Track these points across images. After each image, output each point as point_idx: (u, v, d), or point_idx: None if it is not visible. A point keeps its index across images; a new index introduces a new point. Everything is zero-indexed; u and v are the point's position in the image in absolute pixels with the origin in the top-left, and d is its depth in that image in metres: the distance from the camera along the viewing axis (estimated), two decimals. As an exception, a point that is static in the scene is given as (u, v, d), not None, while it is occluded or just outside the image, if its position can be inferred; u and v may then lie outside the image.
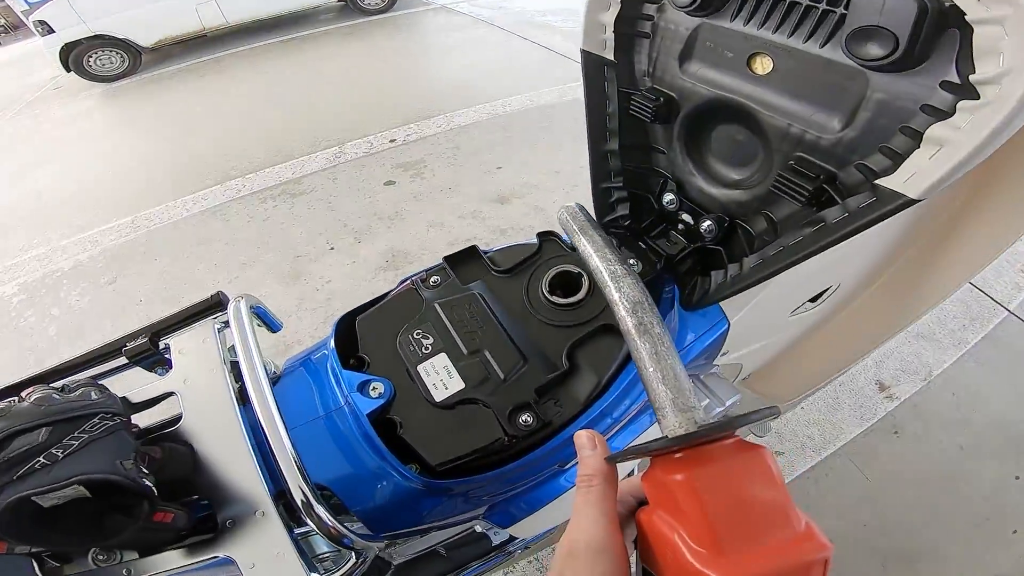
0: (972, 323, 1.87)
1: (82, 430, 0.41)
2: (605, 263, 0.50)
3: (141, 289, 2.20)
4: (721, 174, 0.63)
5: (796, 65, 0.50)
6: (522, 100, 3.37)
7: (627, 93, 0.67)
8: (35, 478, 0.37)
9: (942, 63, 0.41)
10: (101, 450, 0.41)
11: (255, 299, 0.59)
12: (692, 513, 0.28)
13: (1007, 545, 1.29)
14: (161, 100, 4.14)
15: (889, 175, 0.45)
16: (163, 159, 3.24)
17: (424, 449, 0.51)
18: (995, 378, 1.70)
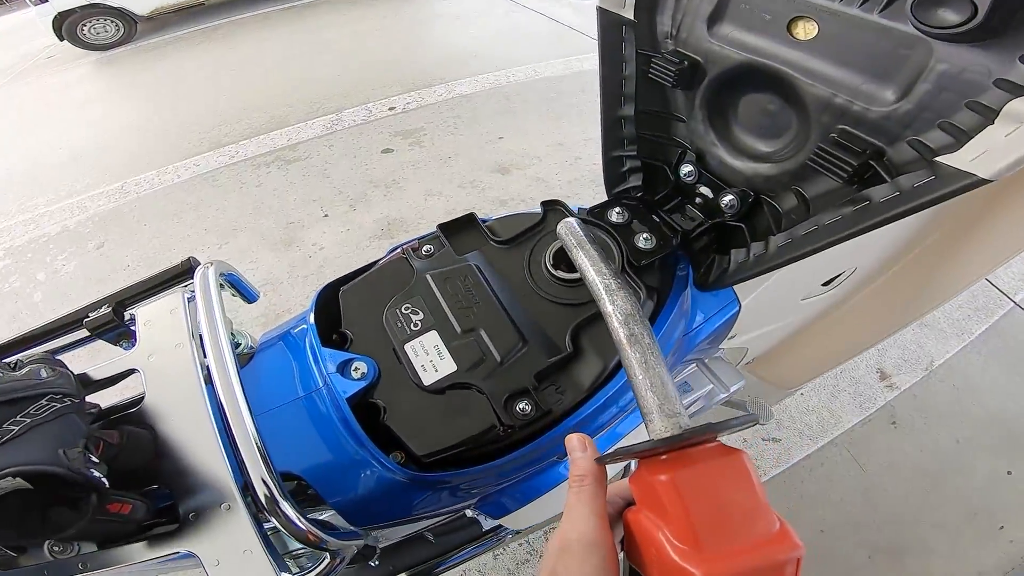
0: (977, 313, 1.83)
1: (25, 413, 0.36)
2: (600, 276, 0.47)
3: (129, 254, 2.15)
4: (747, 146, 0.59)
5: (846, 30, 0.46)
6: (526, 71, 3.27)
7: (647, 55, 0.62)
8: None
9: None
10: (44, 437, 0.36)
11: (227, 265, 0.53)
12: (675, 512, 0.30)
13: (993, 541, 1.29)
14: (156, 68, 4.02)
15: (950, 152, 0.41)
16: (155, 126, 3.14)
17: (411, 438, 0.47)
18: (997, 371, 1.67)
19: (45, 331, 0.53)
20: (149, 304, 0.54)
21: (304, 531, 0.38)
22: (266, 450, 0.39)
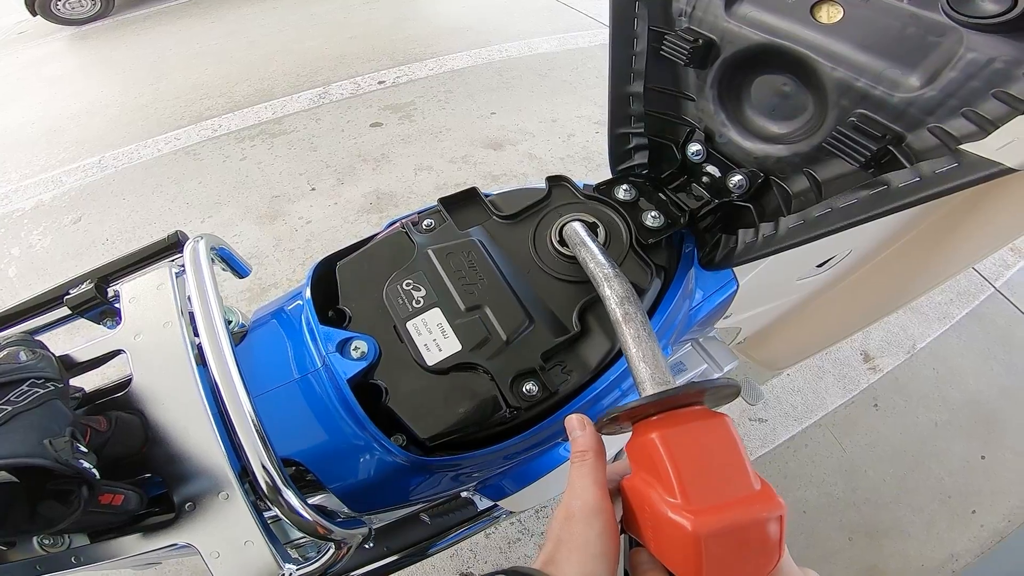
0: (959, 298, 1.88)
1: (6, 400, 0.34)
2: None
3: (107, 229, 2.07)
4: (759, 127, 0.58)
5: (873, 15, 0.46)
6: (520, 47, 3.21)
7: (659, 32, 0.60)
8: None
9: None
10: (27, 426, 0.33)
11: (218, 239, 0.50)
12: (664, 468, 0.32)
13: (966, 524, 1.34)
14: (134, 43, 3.84)
15: (975, 140, 0.41)
16: (134, 100, 3.01)
17: (414, 421, 0.45)
18: (975, 355, 1.72)
19: (22, 310, 0.50)
20: (134, 280, 0.51)
21: (311, 522, 0.36)
22: (266, 435, 0.37)
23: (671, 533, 0.31)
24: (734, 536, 0.30)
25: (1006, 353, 1.73)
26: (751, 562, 0.30)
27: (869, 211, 0.44)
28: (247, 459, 0.37)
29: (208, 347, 0.40)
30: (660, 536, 0.32)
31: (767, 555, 0.30)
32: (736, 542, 0.30)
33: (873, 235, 0.73)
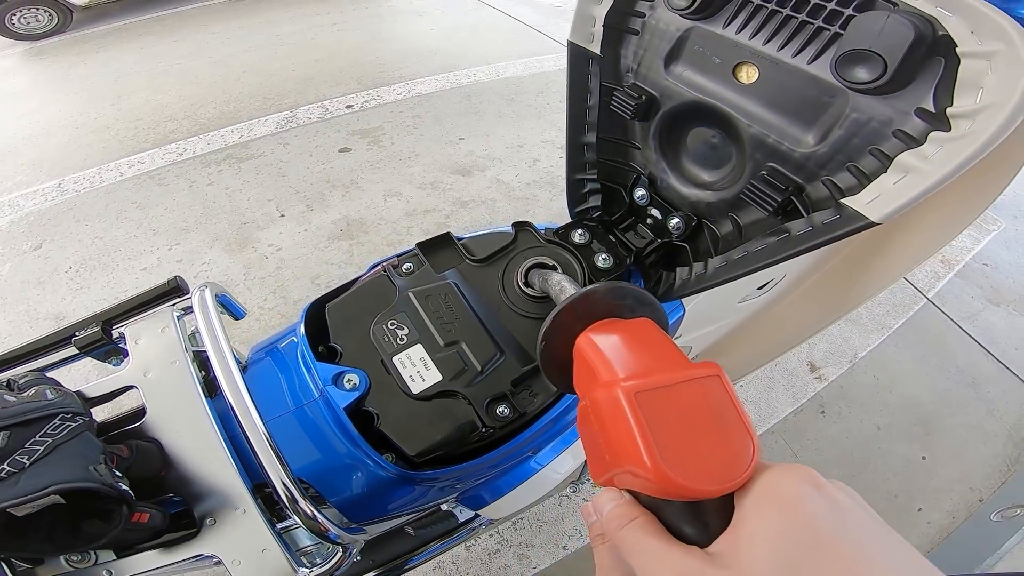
0: (895, 309, 2.02)
1: (44, 433, 0.38)
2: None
3: (70, 256, 2.03)
4: (693, 174, 0.65)
5: (781, 78, 0.52)
6: (487, 71, 3.28)
7: (609, 88, 0.67)
8: (6, 487, 0.34)
9: (921, 90, 0.43)
10: (70, 455, 0.38)
11: (219, 287, 0.56)
12: (594, 363, 0.33)
13: (914, 522, 1.42)
14: (93, 60, 3.72)
15: (854, 195, 0.46)
16: (94, 121, 2.93)
17: (403, 441, 0.52)
18: (912, 362, 1.85)
19: (32, 350, 0.55)
20: (138, 322, 0.56)
21: (324, 527, 0.42)
22: (281, 454, 0.43)
23: (608, 412, 0.29)
24: (669, 398, 0.28)
25: (939, 359, 1.86)
26: (712, 440, 0.27)
27: (775, 255, 0.52)
28: (267, 476, 0.42)
29: (223, 382, 0.45)
30: (607, 431, 0.29)
31: (730, 432, 0.28)
32: (676, 407, 0.28)
33: (803, 260, 0.83)
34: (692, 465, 0.26)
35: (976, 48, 0.39)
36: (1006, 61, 0.38)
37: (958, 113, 0.40)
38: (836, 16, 0.47)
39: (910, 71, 0.43)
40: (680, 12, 0.58)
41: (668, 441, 0.26)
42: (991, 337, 1.96)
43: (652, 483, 0.26)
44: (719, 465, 0.26)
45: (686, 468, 0.26)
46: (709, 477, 0.26)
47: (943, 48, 0.42)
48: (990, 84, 0.39)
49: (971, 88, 0.40)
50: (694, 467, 0.26)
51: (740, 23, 0.54)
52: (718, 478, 0.26)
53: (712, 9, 0.56)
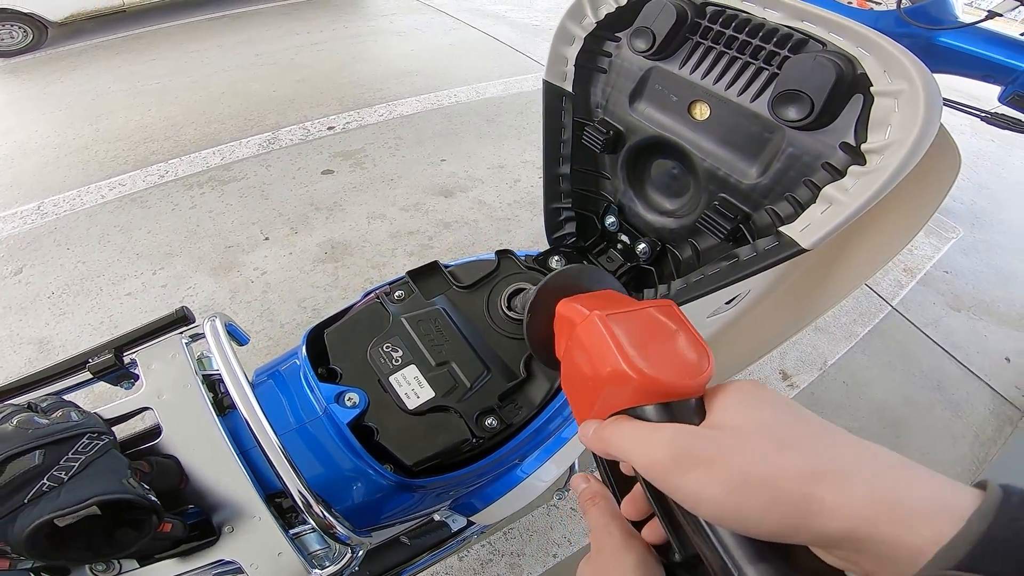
0: (861, 317, 2.12)
1: (75, 451, 0.43)
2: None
3: (53, 281, 2.02)
4: (657, 203, 0.71)
5: (728, 115, 0.57)
6: (468, 91, 3.34)
7: (581, 123, 0.73)
8: (48, 500, 0.39)
9: (845, 126, 0.47)
10: (103, 470, 0.43)
11: (226, 316, 0.61)
12: (575, 311, 0.37)
13: None
14: (70, 79, 3.67)
15: (791, 223, 0.51)
16: (73, 142, 2.90)
17: (401, 452, 0.57)
18: (879, 368, 1.94)
19: (49, 375, 0.58)
20: (148, 349, 0.61)
21: (337, 528, 0.47)
22: (295, 464, 0.48)
23: (587, 336, 0.33)
24: (633, 318, 0.33)
25: (905, 364, 1.95)
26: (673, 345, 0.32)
27: (726, 279, 0.57)
28: (284, 484, 0.47)
29: (239, 401, 0.50)
30: (589, 353, 0.33)
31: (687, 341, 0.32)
32: (640, 324, 0.33)
33: (764, 276, 0.90)
34: (661, 363, 0.30)
35: (887, 87, 0.44)
36: (908, 99, 0.42)
37: (871, 148, 0.45)
38: (773, 57, 0.52)
39: (834, 108, 0.47)
40: (641, 53, 0.63)
41: (638, 346, 0.31)
42: (953, 341, 2.06)
43: (631, 383, 0.29)
44: (683, 363, 0.30)
45: (656, 365, 0.29)
46: (677, 371, 0.29)
47: (862, 86, 0.46)
48: (896, 121, 0.43)
49: (882, 124, 0.44)
50: (663, 364, 0.30)
51: (693, 63, 0.59)
52: (684, 372, 0.30)
53: (669, 51, 0.61)
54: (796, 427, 0.26)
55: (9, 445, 0.41)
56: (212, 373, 0.61)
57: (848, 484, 0.23)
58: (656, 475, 0.26)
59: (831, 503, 0.22)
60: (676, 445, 0.26)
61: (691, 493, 0.25)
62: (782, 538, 0.23)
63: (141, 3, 4.49)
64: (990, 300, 2.31)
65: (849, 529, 0.22)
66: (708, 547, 0.26)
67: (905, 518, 0.21)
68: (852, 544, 0.22)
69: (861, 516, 0.22)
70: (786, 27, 0.52)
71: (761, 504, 0.23)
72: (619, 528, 0.33)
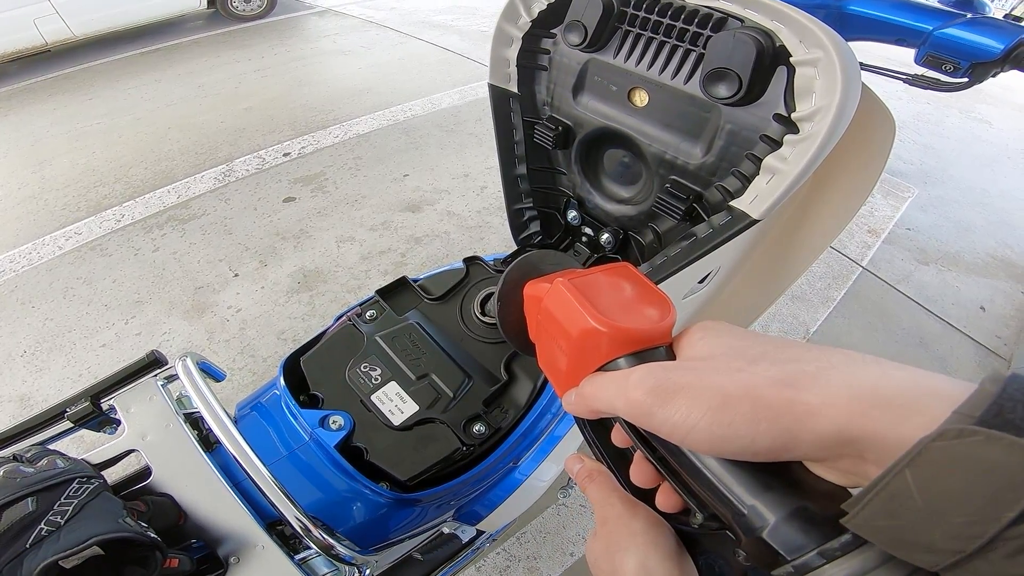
0: (835, 281, 2.18)
1: (68, 496, 0.43)
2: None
3: (22, 341, 1.94)
4: (613, 192, 0.72)
5: (666, 99, 0.58)
6: (423, 104, 3.33)
7: (531, 122, 0.74)
8: (49, 544, 0.39)
9: (774, 98, 0.49)
10: (99, 511, 0.43)
11: (198, 355, 0.61)
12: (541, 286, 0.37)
13: None
14: (2, 125, 3.50)
15: (740, 196, 0.53)
16: (17, 191, 2.78)
17: (393, 468, 0.57)
18: (860, 330, 1.99)
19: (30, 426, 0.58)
20: (124, 394, 0.60)
21: (340, 550, 0.48)
22: (289, 492, 0.48)
23: (555, 303, 0.34)
24: (594, 281, 0.34)
25: (885, 324, 2.00)
26: (635, 299, 0.33)
27: (689, 256, 0.59)
28: (280, 513, 0.47)
29: (222, 436, 0.50)
30: (555, 319, 0.34)
31: (648, 294, 0.33)
32: (602, 285, 0.34)
33: (731, 250, 0.92)
34: (625, 314, 0.31)
35: (805, 56, 0.46)
36: (826, 66, 0.44)
37: (801, 116, 0.47)
38: (697, 38, 0.54)
39: (762, 82, 0.49)
40: (576, 47, 0.64)
41: (602, 303, 0.32)
42: (928, 295, 2.14)
43: (601, 337, 0.30)
44: (646, 312, 0.32)
45: (621, 316, 0.31)
46: (641, 319, 0.31)
47: (783, 58, 0.48)
48: (819, 87, 0.45)
49: (807, 92, 0.46)
50: (627, 315, 0.31)
51: (626, 52, 0.60)
52: (648, 320, 0.31)
53: (602, 42, 0.62)
54: (762, 344, 0.26)
55: (1, 494, 0.41)
56: (193, 411, 0.61)
57: (826, 382, 0.22)
58: (639, 414, 0.26)
59: (815, 403, 0.22)
60: (652, 378, 0.26)
61: (677, 424, 0.24)
62: (778, 453, 0.23)
63: (65, 40, 4.29)
64: (955, 251, 2.41)
65: (841, 427, 0.21)
66: (710, 489, 0.25)
67: (892, 406, 0.21)
68: (849, 447, 0.21)
69: (848, 411, 0.21)
70: (705, 7, 0.53)
71: (746, 418, 0.23)
72: (620, 498, 0.33)
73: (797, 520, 0.22)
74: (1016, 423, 0.17)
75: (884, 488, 0.19)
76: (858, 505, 0.20)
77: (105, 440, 0.58)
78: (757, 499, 0.23)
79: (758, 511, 0.23)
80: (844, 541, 0.20)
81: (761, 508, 0.23)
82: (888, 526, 0.19)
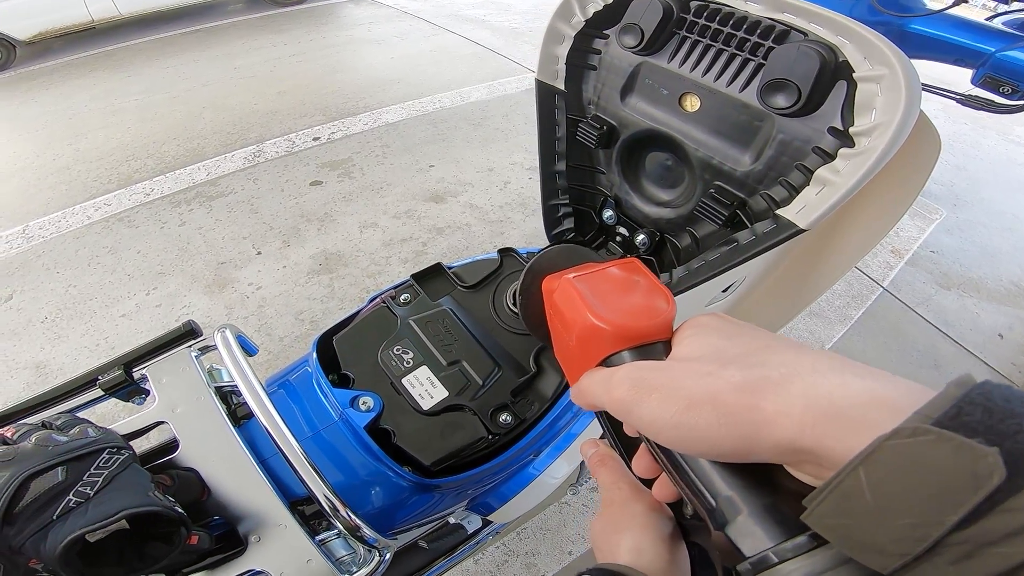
0: (854, 300, 2.15)
1: (97, 466, 0.43)
2: None
3: (44, 307, 1.99)
4: (653, 194, 0.72)
5: (718, 105, 0.58)
6: (452, 97, 3.35)
7: (575, 120, 0.74)
8: (77, 516, 0.39)
9: (831, 111, 0.49)
10: (128, 484, 0.43)
11: (235, 328, 0.61)
12: (556, 280, 0.39)
13: None
14: (42, 99, 3.61)
15: (786, 206, 0.53)
16: (52, 163, 2.86)
17: (419, 453, 0.57)
18: (875, 349, 1.97)
19: (60, 393, 0.58)
20: (158, 363, 0.61)
21: (366, 531, 0.47)
22: (320, 471, 0.48)
23: (561, 299, 0.36)
24: (599, 277, 0.36)
25: (900, 345, 1.98)
26: (637, 295, 0.34)
27: (727, 263, 0.59)
28: (310, 490, 0.47)
29: (256, 409, 0.50)
30: (563, 314, 0.36)
31: (650, 290, 0.34)
32: (606, 281, 0.35)
33: (759, 262, 0.92)
34: (624, 310, 0.32)
35: (868, 72, 0.46)
36: (889, 83, 0.45)
37: (859, 131, 0.47)
38: (759, 48, 0.54)
39: (820, 95, 0.50)
40: (630, 49, 0.64)
41: (603, 299, 0.33)
42: (946, 320, 2.09)
43: (600, 333, 0.31)
44: (645, 308, 0.33)
45: (619, 312, 0.32)
46: (639, 315, 0.32)
47: (844, 73, 0.48)
48: (880, 104, 0.46)
49: (866, 108, 0.47)
50: (626, 311, 0.32)
51: (681, 57, 0.61)
52: (646, 315, 0.32)
53: (658, 46, 0.62)
54: (743, 345, 0.27)
55: (32, 463, 0.40)
56: (223, 385, 0.61)
57: (785, 390, 0.22)
58: (621, 411, 0.28)
59: (771, 412, 0.22)
60: (632, 378, 0.27)
61: (650, 421, 0.26)
62: (741, 456, 0.24)
63: (111, 18, 4.43)
64: (978, 277, 2.35)
65: (794, 437, 0.21)
66: (687, 482, 0.26)
67: (843, 417, 0.20)
68: (805, 455, 0.22)
69: (800, 422, 0.21)
70: (768, 19, 0.54)
71: (709, 422, 0.23)
72: (627, 483, 0.35)
73: (761, 517, 0.23)
74: (971, 425, 0.16)
75: (838, 486, 0.19)
76: (814, 501, 0.20)
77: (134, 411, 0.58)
78: (728, 494, 0.24)
79: (727, 506, 0.24)
80: (798, 543, 0.21)
81: (730, 503, 0.24)
82: (840, 524, 0.19)
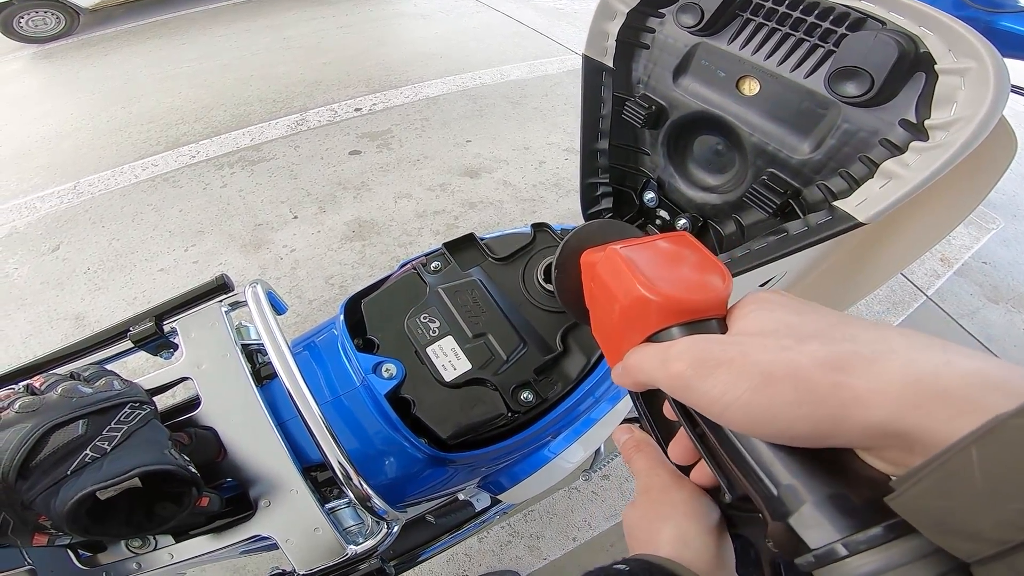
0: (895, 307, 2.05)
1: (118, 421, 0.42)
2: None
3: (88, 258, 2.08)
4: (699, 179, 0.70)
5: (780, 91, 0.57)
6: (493, 74, 3.33)
7: (621, 98, 0.72)
8: (91, 472, 0.38)
9: (905, 103, 0.47)
10: (145, 440, 0.42)
11: (266, 284, 0.60)
12: (597, 253, 0.37)
13: None
14: (101, 63, 3.75)
15: (845, 198, 0.51)
16: (106, 124, 2.98)
17: (437, 425, 0.56)
18: None
19: (88, 344, 0.59)
20: (189, 317, 0.61)
21: (376, 502, 0.47)
22: (336, 436, 0.47)
23: (606, 270, 0.33)
24: (648, 248, 0.33)
25: None
26: (689, 268, 0.31)
27: (775, 252, 0.56)
28: (324, 455, 0.46)
29: (280, 369, 0.50)
30: (608, 287, 0.33)
31: (704, 264, 0.31)
32: (656, 253, 0.33)
33: (802, 258, 0.87)
34: (677, 283, 0.29)
35: (952, 65, 0.44)
36: (976, 78, 0.42)
37: (935, 124, 0.45)
38: (830, 35, 0.52)
39: (895, 86, 0.47)
40: (688, 29, 0.63)
41: (655, 270, 0.31)
42: (990, 335, 1.99)
43: (651, 305, 0.29)
44: (700, 281, 0.30)
45: (672, 285, 0.29)
46: (694, 288, 0.29)
47: (924, 64, 0.46)
48: (963, 98, 0.43)
49: (947, 102, 0.44)
50: (679, 284, 0.29)
51: (743, 40, 0.59)
52: (701, 289, 0.29)
53: (718, 27, 0.61)
54: (817, 321, 0.24)
55: (55, 414, 0.40)
56: (250, 343, 0.61)
57: (880, 368, 0.20)
58: (679, 387, 0.25)
59: (864, 390, 0.20)
60: (696, 350, 0.25)
61: (715, 399, 0.23)
62: (819, 439, 0.21)
63: (169, -12, 4.53)
64: (1030, 293, 2.20)
65: (889, 418, 0.20)
66: (744, 468, 0.24)
67: (950, 398, 0.19)
68: (896, 439, 0.20)
69: (898, 401, 0.19)
70: (844, 6, 0.52)
71: (789, 399, 0.21)
72: (667, 470, 0.33)
73: (829, 507, 0.21)
74: None
75: (943, 465, 0.17)
76: (908, 482, 0.18)
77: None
78: (791, 482, 0.22)
79: (790, 495, 0.22)
80: (872, 534, 0.19)
81: (793, 492, 0.22)
82: (936, 507, 0.17)
